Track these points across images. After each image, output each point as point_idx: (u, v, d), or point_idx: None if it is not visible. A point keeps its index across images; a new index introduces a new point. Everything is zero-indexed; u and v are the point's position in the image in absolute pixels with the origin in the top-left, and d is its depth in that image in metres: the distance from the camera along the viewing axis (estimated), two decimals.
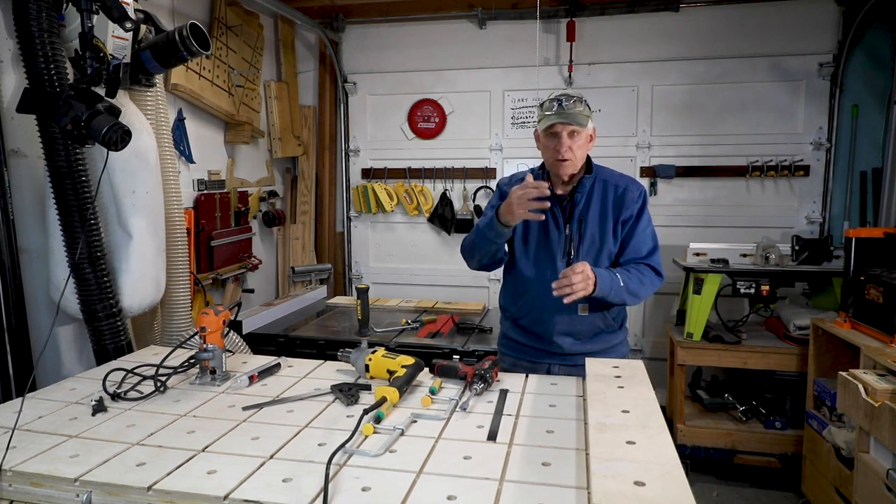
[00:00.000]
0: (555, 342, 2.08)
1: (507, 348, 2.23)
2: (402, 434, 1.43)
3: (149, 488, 1.20)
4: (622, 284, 1.91)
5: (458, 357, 1.91)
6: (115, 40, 2.10)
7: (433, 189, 4.43)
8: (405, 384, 1.66)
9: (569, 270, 1.82)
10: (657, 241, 2.08)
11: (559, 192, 2.06)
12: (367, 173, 4.52)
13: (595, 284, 1.84)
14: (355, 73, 4.49)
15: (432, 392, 1.66)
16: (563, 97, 1.94)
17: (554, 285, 1.83)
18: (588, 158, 2.07)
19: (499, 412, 1.56)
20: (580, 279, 1.80)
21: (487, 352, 2.75)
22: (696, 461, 3.39)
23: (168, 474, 1.25)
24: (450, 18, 4.28)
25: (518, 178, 2.17)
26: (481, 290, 4.41)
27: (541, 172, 2.11)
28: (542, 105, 2.00)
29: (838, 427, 2.80)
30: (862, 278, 2.81)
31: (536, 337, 2.12)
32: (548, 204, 1.86)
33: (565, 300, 1.83)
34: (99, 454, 1.35)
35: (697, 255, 3.50)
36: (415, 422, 1.51)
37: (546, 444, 1.39)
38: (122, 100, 2.25)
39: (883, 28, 3.69)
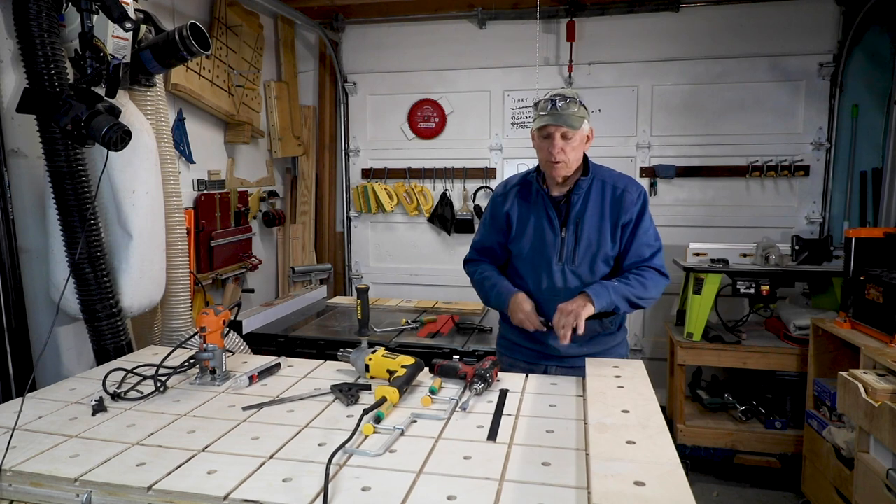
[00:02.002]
0: (551, 345, 2.06)
1: (505, 349, 2.23)
2: (402, 434, 1.43)
3: (149, 488, 1.20)
4: (622, 295, 1.93)
5: (458, 357, 1.90)
6: (115, 40, 2.09)
7: (433, 189, 4.43)
8: (405, 384, 1.66)
9: (555, 319, 1.89)
10: (660, 241, 2.07)
11: (555, 193, 2.04)
12: (367, 173, 4.52)
13: (593, 303, 1.87)
14: (355, 73, 4.49)
15: (432, 392, 1.66)
16: (558, 97, 1.91)
17: (556, 336, 1.90)
18: (586, 158, 2.04)
19: (499, 412, 1.56)
20: (569, 317, 1.85)
21: (487, 352, 2.75)
22: (696, 461, 3.39)
23: (168, 474, 1.25)
24: (450, 18, 4.28)
25: (512, 184, 2.16)
26: None
27: (536, 174, 2.09)
28: (536, 104, 1.98)
29: (838, 427, 2.79)
30: (862, 278, 2.81)
31: (533, 339, 2.11)
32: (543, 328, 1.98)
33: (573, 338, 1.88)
34: (99, 454, 1.35)
35: (697, 255, 3.51)
36: (415, 422, 1.51)
37: (546, 444, 1.38)
38: (122, 100, 2.25)
39: (883, 28, 3.68)
